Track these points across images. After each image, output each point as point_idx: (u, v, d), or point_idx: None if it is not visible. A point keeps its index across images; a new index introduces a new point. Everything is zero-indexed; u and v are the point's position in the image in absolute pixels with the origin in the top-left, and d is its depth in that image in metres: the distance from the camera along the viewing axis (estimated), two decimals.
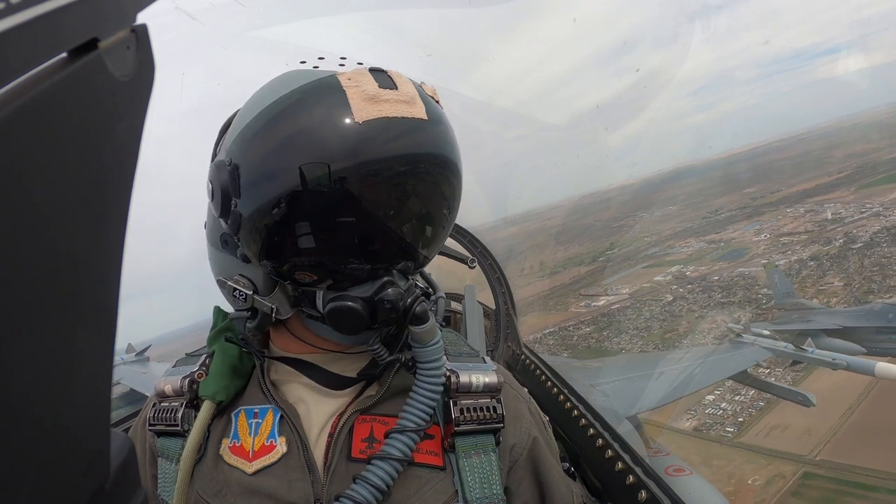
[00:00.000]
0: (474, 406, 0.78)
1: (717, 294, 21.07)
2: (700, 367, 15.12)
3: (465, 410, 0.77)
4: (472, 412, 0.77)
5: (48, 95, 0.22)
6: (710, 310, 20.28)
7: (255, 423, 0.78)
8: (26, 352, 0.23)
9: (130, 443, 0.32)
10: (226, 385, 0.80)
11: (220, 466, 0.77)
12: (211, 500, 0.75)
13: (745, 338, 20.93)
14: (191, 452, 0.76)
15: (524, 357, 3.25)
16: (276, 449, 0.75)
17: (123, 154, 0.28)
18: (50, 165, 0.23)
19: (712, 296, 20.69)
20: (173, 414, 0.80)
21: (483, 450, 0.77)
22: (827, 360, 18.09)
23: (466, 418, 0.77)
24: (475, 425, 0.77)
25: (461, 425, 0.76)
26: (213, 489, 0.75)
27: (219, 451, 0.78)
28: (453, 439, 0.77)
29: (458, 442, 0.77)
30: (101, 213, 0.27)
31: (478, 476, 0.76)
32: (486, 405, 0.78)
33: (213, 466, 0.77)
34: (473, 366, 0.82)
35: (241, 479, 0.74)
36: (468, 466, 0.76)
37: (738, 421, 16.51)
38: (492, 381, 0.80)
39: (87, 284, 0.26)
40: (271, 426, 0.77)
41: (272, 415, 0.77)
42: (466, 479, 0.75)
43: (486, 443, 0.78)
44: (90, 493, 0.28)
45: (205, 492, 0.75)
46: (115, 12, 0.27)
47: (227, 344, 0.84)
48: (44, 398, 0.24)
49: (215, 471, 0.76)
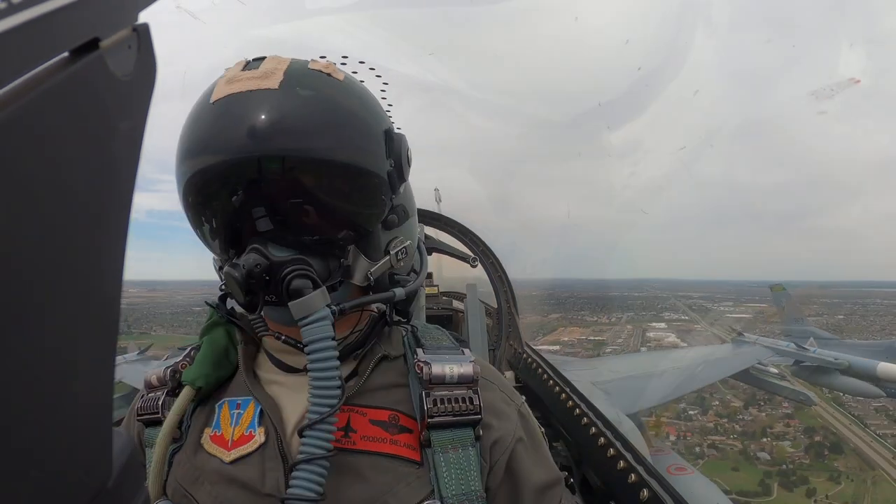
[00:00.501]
0: (449, 397, 0.76)
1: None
2: (702, 365, 15.12)
3: (438, 402, 0.75)
4: (447, 403, 0.75)
5: (49, 95, 0.22)
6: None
7: (236, 414, 0.78)
8: (28, 351, 0.23)
9: (133, 442, 0.32)
10: (206, 373, 0.80)
11: (200, 454, 0.77)
12: (188, 487, 0.75)
13: (747, 337, 20.90)
14: (165, 435, 0.75)
15: (526, 355, 3.25)
16: (255, 439, 0.75)
17: (125, 154, 0.28)
18: (51, 165, 0.23)
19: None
20: (156, 403, 0.82)
21: (461, 444, 0.75)
22: (829, 360, 18.10)
23: (441, 410, 0.75)
24: (451, 417, 0.75)
25: (435, 417, 0.75)
26: (190, 477, 0.76)
27: (200, 441, 0.78)
28: (429, 433, 0.75)
29: (434, 436, 0.75)
30: (103, 213, 0.27)
31: (454, 472, 0.74)
32: (462, 396, 0.76)
33: (193, 454, 0.77)
34: (449, 357, 0.80)
35: (219, 468, 0.75)
36: (444, 462, 0.74)
37: None
38: (466, 372, 0.78)
39: (89, 284, 0.26)
40: (252, 417, 0.77)
41: (253, 406, 0.78)
42: (442, 475, 0.73)
43: (465, 437, 0.76)
44: (93, 492, 0.28)
45: (183, 480, 0.76)
46: (117, 11, 0.26)
47: (216, 337, 0.84)
48: (45, 397, 0.24)
49: (194, 459, 0.77)
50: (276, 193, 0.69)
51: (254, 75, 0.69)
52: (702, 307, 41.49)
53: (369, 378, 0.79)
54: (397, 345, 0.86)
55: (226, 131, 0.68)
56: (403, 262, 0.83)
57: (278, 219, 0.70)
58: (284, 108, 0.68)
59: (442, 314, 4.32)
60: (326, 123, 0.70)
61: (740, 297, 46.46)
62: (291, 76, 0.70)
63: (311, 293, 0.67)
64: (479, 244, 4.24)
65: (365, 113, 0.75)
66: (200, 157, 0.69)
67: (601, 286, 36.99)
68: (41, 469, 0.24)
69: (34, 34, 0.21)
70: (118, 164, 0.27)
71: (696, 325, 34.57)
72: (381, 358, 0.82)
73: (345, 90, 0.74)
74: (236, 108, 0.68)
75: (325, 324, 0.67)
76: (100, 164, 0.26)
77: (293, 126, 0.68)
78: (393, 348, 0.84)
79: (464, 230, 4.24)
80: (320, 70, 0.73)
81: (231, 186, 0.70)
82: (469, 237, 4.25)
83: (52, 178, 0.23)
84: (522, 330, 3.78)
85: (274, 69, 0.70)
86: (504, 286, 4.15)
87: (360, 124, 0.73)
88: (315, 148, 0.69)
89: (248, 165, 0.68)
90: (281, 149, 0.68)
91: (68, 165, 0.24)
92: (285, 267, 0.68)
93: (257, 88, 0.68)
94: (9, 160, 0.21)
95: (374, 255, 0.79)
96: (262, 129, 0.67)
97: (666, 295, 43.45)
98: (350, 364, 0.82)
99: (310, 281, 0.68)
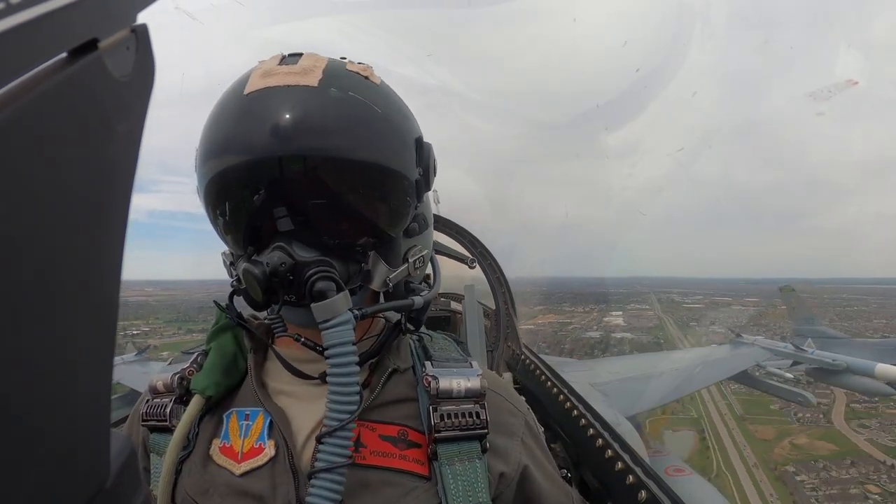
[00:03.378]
0: (456, 412, 0.76)
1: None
2: (700, 366, 15.13)
3: (445, 417, 0.76)
4: (454, 418, 0.76)
5: (48, 96, 0.22)
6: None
7: (245, 426, 0.78)
8: (26, 352, 0.23)
9: (131, 443, 0.32)
10: (216, 381, 0.80)
11: (209, 466, 0.77)
12: (198, 498, 0.75)
13: (745, 338, 20.91)
14: (175, 446, 0.75)
15: (524, 357, 3.25)
16: (265, 452, 0.75)
17: (123, 154, 0.28)
18: (50, 166, 0.23)
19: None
20: (163, 409, 0.81)
21: (468, 457, 0.76)
22: (827, 361, 18.10)
23: (448, 424, 0.75)
24: (457, 432, 0.76)
25: (442, 432, 0.75)
26: (200, 488, 0.75)
27: (209, 451, 0.78)
28: (436, 447, 0.76)
29: (441, 449, 0.75)
30: (101, 213, 0.27)
31: (462, 484, 0.74)
32: (469, 411, 0.77)
33: (202, 466, 0.77)
34: (457, 371, 0.81)
35: (229, 480, 0.74)
36: (451, 474, 0.74)
37: None
38: (474, 387, 0.78)
39: (88, 284, 0.26)
40: (261, 429, 0.76)
41: (262, 418, 0.77)
42: (450, 486, 0.74)
43: (471, 450, 0.77)
44: (91, 493, 0.28)
45: (192, 490, 0.76)
46: (115, 12, 0.26)
47: (224, 343, 0.84)
48: (44, 398, 0.24)
49: (204, 470, 0.77)
50: (311, 192, 0.69)
51: (292, 70, 0.68)
52: (671, 300, 44.94)
53: (380, 393, 0.79)
54: (406, 356, 0.86)
55: (261, 125, 0.67)
56: (420, 270, 0.83)
57: (300, 219, 0.70)
58: (324, 107, 0.68)
59: (440, 315, 4.31)
60: (362, 125, 0.70)
61: (714, 294, 50.24)
62: (330, 75, 0.69)
63: (336, 296, 0.67)
64: (477, 245, 4.23)
65: (400, 118, 0.75)
66: (233, 154, 0.68)
67: (595, 283, 40.72)
68: (39, 469, 0.24)
69: (32, 35, 0.21)
70: (117, 164, 0.27)
71: (649, 312, 40.52)
72: (392, 372, 0.82)
73: (381, 94, 0.74)
74: (274, 103, 0.67)
75: (347, 328, 0.67)
76: (98, 165, 0.26)
77: (328, 126, 0.68)
78: (402, 360, 0.85)
79: (462, 231, 4.24)
80: (358, 72, 0.73)
81: (263, 185, 0.69)
82: (467, 238, 4.24)
83: (51, 179, 0.23)
84: (521, 331, 3.78)
85: (313, 66, 0.69)
86: (502, 288, 4.14)
87: (395, 128, 0.74)
88: (350, 148, 0.69)
89: (285, 163, 0.67)
90: (316, 148, 0.67)
91: (66, 166, 0.24)
92: (309, 267, 0.68)
93: (296, 84, 0.67)
94: (7, 161, 0.21)
95: (394, 261, 0.78)
96: (298, 126, 0.67)
97: (647, 291, 46.87)
98: (363, 372, 0.81)
99: (334, 283, 0.67)
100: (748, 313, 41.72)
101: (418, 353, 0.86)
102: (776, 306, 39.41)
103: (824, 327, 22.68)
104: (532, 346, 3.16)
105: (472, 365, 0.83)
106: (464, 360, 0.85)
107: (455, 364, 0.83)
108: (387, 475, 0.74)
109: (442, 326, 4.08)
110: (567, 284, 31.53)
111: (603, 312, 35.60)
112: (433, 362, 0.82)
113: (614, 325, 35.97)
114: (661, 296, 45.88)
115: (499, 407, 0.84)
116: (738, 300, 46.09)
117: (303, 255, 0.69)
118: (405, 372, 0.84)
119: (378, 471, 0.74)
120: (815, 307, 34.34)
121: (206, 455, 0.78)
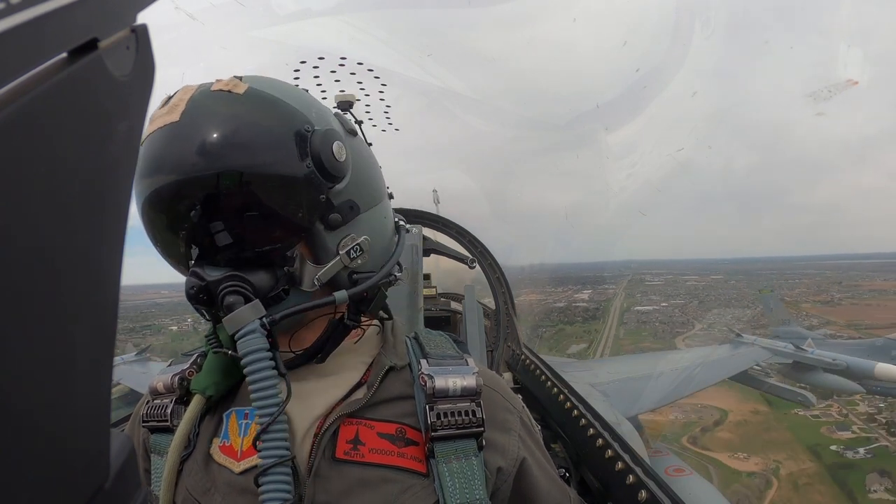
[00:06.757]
0: (452, 410, 0.77)
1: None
2: (700, 366, 15.11)
3: (441, 415, 0.77)
4: (450, 417, 0.77)
5: (48, 95, 0.22)
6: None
7: (244, 424, 0.79)
8: (26, 352, 0.23)
9: (131, 443, 0.32)
10: (216, 381, 0.80)
11: (210, 465, 0.78)
12: (200, 497, 0.76)
13: (745, 338, 20.90)
14: (177, 446, 0.77)
15: (524, 357, 3.25)
16: None
17: (123, 154, 0.28)
18: (49, 165, 0.23)
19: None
20: (164, 410, 0.82)
21: (464, 454, 0.77)
22: (827, 361, 18.11)
23: (444, 423, 0.76)
24: (453, 430, 0.77)
25: (438, 430, 0.76)
26: (202, 487, 0.77)
27: (209, 451, 0.79)
28: (432, 445, 0.77)
29: (438, 447, 0.77)
30: (101, 213, 0.27)
31: (458, 481, 0.75)
32: (465, 409, 0.78)
33: (203, 465, 0.78)
34: (453, 369, 0.81)
35: (229, 479, 0.76)
36: (448, 472, 0.76)
37: None
38: (469, 385, 0.79)
39: (87, 284, 0.26)
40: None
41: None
42: (447, 484, 0.75)
43: (468, 447, 0.78)
44: (90, 492, 0.28)
45: (194, 489, 0.77)
46: (115, 12, 0.27)
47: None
48: (43, 398, 0.24)
49: (205, 469, 0.78)
50: (202, 217, 0.72)
51: (162, 111, 0.72)
52: (641, 280, 48.05)
53: (378, 390, 0.80)
54: (402, 354, 0.86)
55: (145, 166, 0.72)
56: (361, 258, 0.79)
57: (207, 240, 0.72)
58: (185, 136, 0.71)
59: (440, 315, 4.31)
60: (221, 141, 0.70)
61: (682, 273, 54.32)
62: (193, 104, 0.71)
63: (241, 308, 0.70)
64: (476, 245, 4.23)
65: (267, 120, 0.73)
66: (138, 196, 0.74)
67: (588, 268, 42.90)
68: (39, 469, 0.24)
69: (33, 34, 0.21)
70: (116, 164, 0.27)
71: (611, 290, 43.24)
72: (389, 369, 0.83)
73: (245, 103, 0.73)
74: (153, 147, 0.71)
75: (254, 336, 0.69)
76: (98, 165, 0.26)
77: (190, 152, 0.70)
78: (398, 358, 0.85)
79: (462, 231, 4.23)
80: (221, 89, 0.73)
81: (159, 223, 0.75)
82: (467, 238, 4.24)
83: (51, 178, 0.23)
84: (521, 331, 3.78)
85: (178, 101, 0.72)
86: (502, 288, 4.15)
87: (261, 132, 0.72)
88: (209, 167, 0.70)
89: (164, 196, 0.72)
90: (184, 175, 0.70)
91: (67, 165, 0.24)
92: (220, 284, 0.71)
93: (164, 125, 0.71)
94: (7, 160, 0.21)
95: (323, 257, 0.76)
96: (167, 161, 0.71)
97: (628, 273, 49.91)
98: (359, 369, 0.83)
99: (241, 296, 0.70)
100: (699, 286, 45.18)
101: (414, 351, 0.86)
102: (728, 281, 43.04)
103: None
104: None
105: (467, 362, 0.84)
106: (459, 357, 0.85)
107: (451, 361, 0.83)
108: (385, 472, 0.75)
109: (442, 326, 4.08)
110: (562, 270, 32.97)
111: (576, 291, 38.19)
112: (429, 360, 0.82)
113: (578, 299, 38.90)
114: (637, 277, 48.48)
115: (495, 403, 0.85)
116: (704, 278, 48.96)
117: (213, 274, 0.72)
118: (402, 369, 0.84)
119: (377, 468, 0.75)
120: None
121: (207, 454, 0.79)
